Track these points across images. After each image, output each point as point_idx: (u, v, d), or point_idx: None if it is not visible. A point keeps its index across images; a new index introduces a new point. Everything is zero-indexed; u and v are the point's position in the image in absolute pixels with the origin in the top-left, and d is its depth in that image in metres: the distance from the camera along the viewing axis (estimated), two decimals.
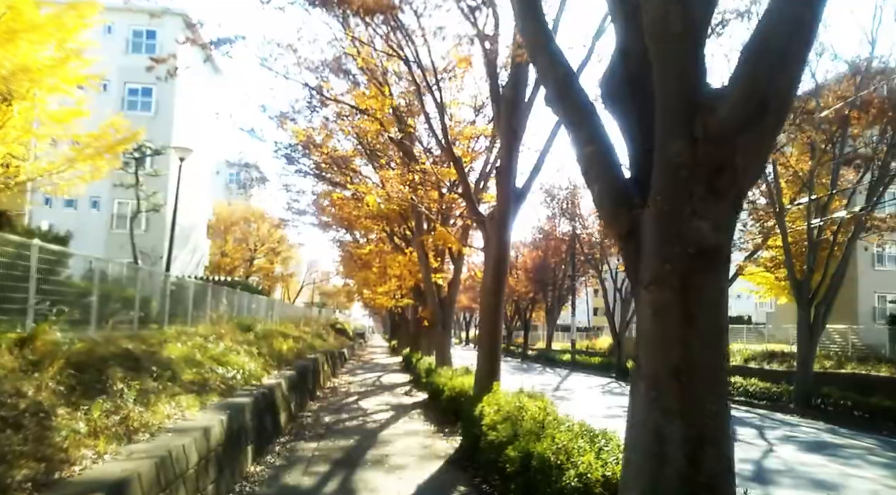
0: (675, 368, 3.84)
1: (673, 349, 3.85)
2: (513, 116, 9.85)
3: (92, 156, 12.70)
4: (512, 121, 9.89)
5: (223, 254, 44.28)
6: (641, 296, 4.05)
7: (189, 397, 7.47)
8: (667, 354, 3.88)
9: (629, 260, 4.25)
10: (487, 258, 10.65)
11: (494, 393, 9.36)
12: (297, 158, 23.02)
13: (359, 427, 11.34)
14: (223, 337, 12.58)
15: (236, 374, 9.86)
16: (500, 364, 10.49)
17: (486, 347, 10.42)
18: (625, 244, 4.24)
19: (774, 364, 23.08)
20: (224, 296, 16.87)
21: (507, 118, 9.96)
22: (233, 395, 8.71)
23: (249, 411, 8.26)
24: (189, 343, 10.24)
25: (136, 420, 5.74)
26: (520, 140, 10.21)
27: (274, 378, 11.60)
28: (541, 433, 6.09)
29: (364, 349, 53.69)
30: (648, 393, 3.94)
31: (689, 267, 3.84)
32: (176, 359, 8.88)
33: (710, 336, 3.86)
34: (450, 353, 17.09)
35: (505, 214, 10.26)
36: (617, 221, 4.27)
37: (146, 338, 9.47)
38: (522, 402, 7.97)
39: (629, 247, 4.20)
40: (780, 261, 25.49)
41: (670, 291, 3.87)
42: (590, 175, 4.48)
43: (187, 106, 29.44)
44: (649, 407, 3.94)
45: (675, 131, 3.95)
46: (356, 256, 27.64)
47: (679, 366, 3.84)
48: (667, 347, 3.89)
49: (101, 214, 27.46)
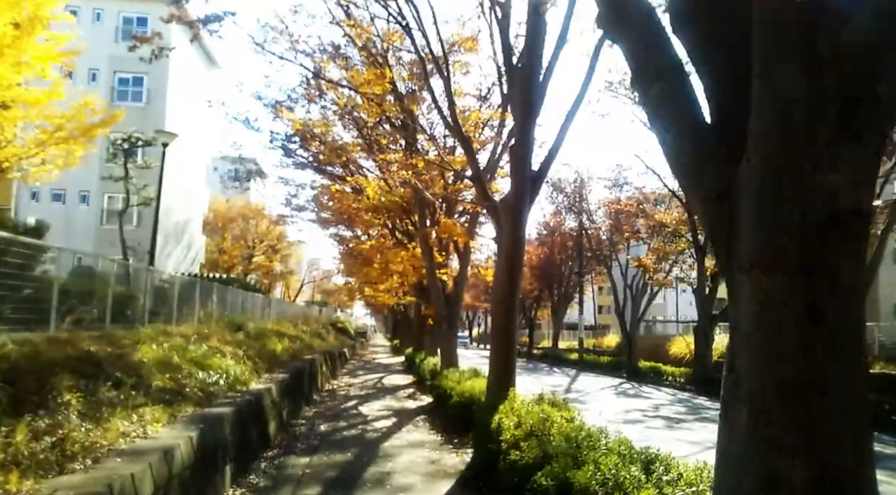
0: (795, 385, 2.72)
1: (791, 358, 2.72)
2: (529, 87, 8.72)
3: (65, 140, 11.60)
4: (528, 93, 8.76)
5: (221, 251, 43.21)
6: (740, 283, 2.92)
7: (156, 409, 6.36)
8: (781, 366, 2.75)
9: (718, 234, 3.12)
10: (500, 249, 9.53)
11: (511, 400, 8.25)
12: (294, 151, 21.93)
13: (358, 437, 10.23)
14: (209, 337, 11.50)
15: (219, 379, 8.77)
16: (516, 366, 9.36)
17: (500, 348, 9.29)
18: (713, 212, 3.11)
19: None
20: (214, 293, 15.77)
21: (522, 90, 8.84)
22: (212, 405, 7.61)
23: (230, 423, 7.15)
24: (167, 344, 9.14)
25: (78, 441, 4.64)
26: (537, 115, 9.08)
27: (263, 382, 10.50)
28: (577, 455, 4.97)
29: (365, 348, 52.64)
30: (753, 420, 2.81)
31: (814, 240, 2.70)
32: (148, 363, 7.78)
33: (846, 338, 2.73)
34: (456, 354, 15.97)
35: (519, 200, 9.13)
36: (701, 182, 3.13)
37: (117, 339, 8.37)
38: (547, 413, 6.86)
39: (718, 215, 3.07)
40: None
41: (786, 276, 2.74)
42: (659, 121, 3.35)
43: (180, 96, 28.33)
44: (754, 439, 2.81)
45: (787, 53, 2.79)
46: (357, 251, 26.54)
47: (800, 381, 2.72)
48: (781, 356, 2.75)
49: (90, 209, 26.39)
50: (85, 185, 25.91)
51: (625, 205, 27.12)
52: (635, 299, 30.81)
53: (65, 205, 26.17)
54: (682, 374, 24.55)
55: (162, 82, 26.77)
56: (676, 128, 3.25)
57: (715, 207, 3.09)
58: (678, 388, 23.40)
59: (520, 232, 9.37)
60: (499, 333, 9.37)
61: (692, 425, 13.60)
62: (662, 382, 25.32)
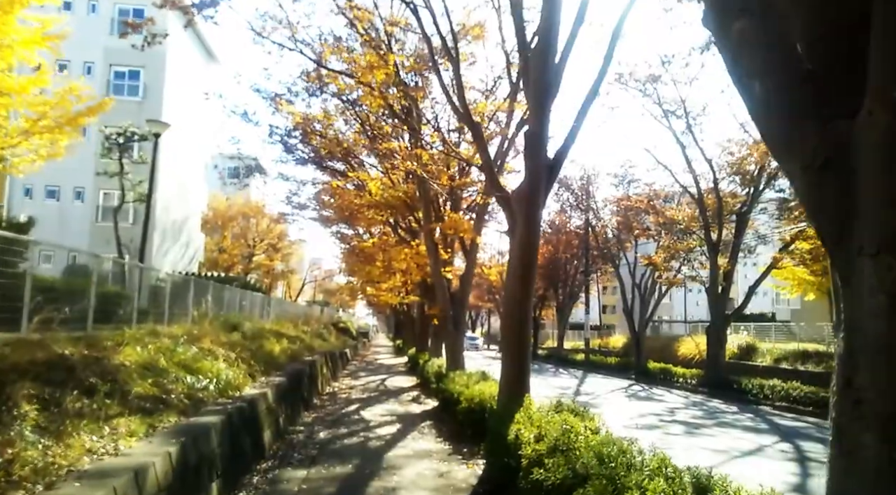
0: None
1: None
2: (545, 66, 8.02)
3: (50, 129, 10.90)
4: (544, 72, 8.06)
5: (221, 250, 42.55)
6: (861, 272, 2.21)
7: (133, 419, 5.67)
8: None
9: (825, 211, 2.42)
10: (513, 243, 8.80)
11: (527, 408, 7.56)
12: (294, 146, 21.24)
13: (359, 446, 9.52)
14: (202, 338, 10.80)
15: (209, 384, 8.07)
16: (530, 369, 8.65)
17: (513, 350, 8.58)
18: (817, 183, 2.40)
19: (809, 365, 21.16)
20: (210, 291, 15.08)
21: (537, 69, 8.13)
22: (199, 413, 6.91)
23: (218, 434, 6.46)
24: (154, 345, 8.45)
25: (30, 462, 3.95)
26: (554, 96, 8.36)
27: (259, 387, 9.80)
28: (615, 476, 4.26)
29: (368, 349, 51.96)
30: (886, 451, 2.12)
31: None
32: (129, 367, 7.09)
33: None
34: (462, 355, 15.26)
35: (535, 189, 8.43)
36: (800, 143, 2.42)
37: (98, 341, 7.69)
38: (570, 424, 6.15)
39: (825, 187, 2.36)
40: (820, 252, 23.61)
41: None
42: (743, 68, 2.64)
43: (178, 91, 27.65)
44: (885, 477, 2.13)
45: None
46: (359, 249, 25.86)
47: None
48: None
49: (85, 206, 25.72)
50: (80, 182, 25.25)
51: (635, 202, 26.36)
52: (644, 298, 30.08)
53: (59, 201, 25.51)
54: (694, 376, 23.80)
55: (159, 76, 26.10)
56: (768, 78, 2.54)
57: (820, 177, 2.38)
58: (690, 390, 22.66)
59: (534, 224, 8.68)
60: (512, 334, 8.66)
61: (713, 431, 12.88)
62: (673, 384, 24.58)
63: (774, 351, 23.68)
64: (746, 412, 16.86)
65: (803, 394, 17.52)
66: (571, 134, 8.47)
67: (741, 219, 22.41)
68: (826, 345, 22.23)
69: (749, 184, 22.20)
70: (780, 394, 18.33)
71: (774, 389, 18.73)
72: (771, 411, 17.46)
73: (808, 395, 17.36)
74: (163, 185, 26.28)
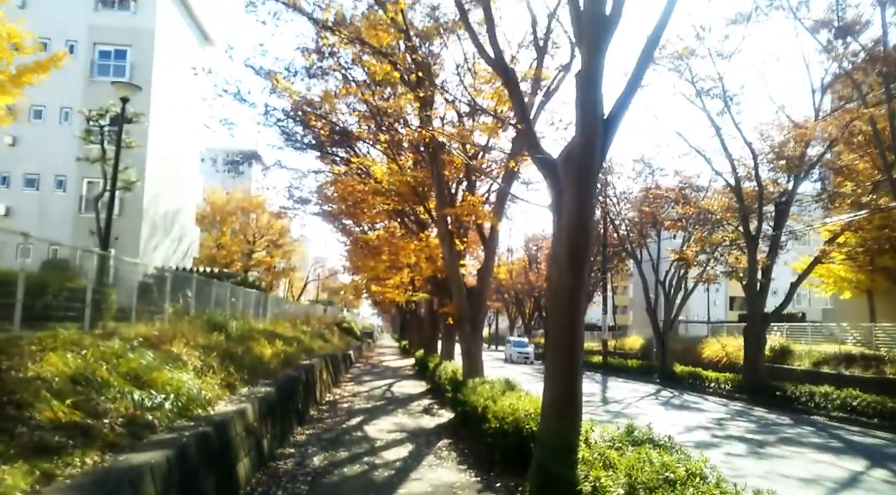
0: None
1: None
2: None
3: None
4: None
5: (219, 246, 40.70)
6: None
7: (17, 468, 3.74)
8: None
9: None
10: (558, 220, 6.77)
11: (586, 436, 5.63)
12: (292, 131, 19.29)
13: (363, 477, 7.53)
14: (172, 339, 8.89)
15: (164, 401, 6.13)
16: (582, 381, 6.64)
17: (561, 357, 6.50)
18: None
19: (856, 369, 19.08)
20: (193, 286, 13.15)
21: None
22: (136, 447, 4.96)
23: (159, 480, 4.52)
24: (98, 350, 6.53)
25: None
26: (613, 29, 6.39)
27: (236, 401, 7.86)
28: None
29: (372, 350, 50.02)
30: None
31: None
32: (49, 382, 5.19)
33: None
34: (481, 360, 13.29)
35: (588, 149, 6.43)
36: None
37: (16, 346, 5.79)
38: (667, 466, 4.21)
39: None
40: (869, 246, 21.52)
41: None
42: None
43: (169, 74, 25.77)
44: None
45: None
46: (363, 243, 23.93)
47: None
48: None
49: (67, 196, 23.84)
50: (61, 170, 23.40)
51: (665, 191, 24.28)
52: (668, 297, 28.04)
53: (39, 191, 23.65)
54: (728, 380, 21.75)
55: (147, 56, 24.23)
56: None
57: None
58: (726, 396, 20.61)
59: (588, 194, 6.65)
60: (560, 335, 6.60)
61: (780, 450, 10.88)
62: (705, 389, 22.55)
63: (813, 353, 21.58)
64: (803, 424, 14.82)
65: (866, 404, 15.46)
66: (634, 78, 6.48)
67: (781, 208, 20.34)
68: (870, 348, 20.15)
69: (791, 170, 20.13)
70: (836, 404, 16.28)
71: (829, 397, 16.67)
72: (828, 422, 15.43)
73: (871, 405, 15.30)
74: (151, 174, 24.43)
